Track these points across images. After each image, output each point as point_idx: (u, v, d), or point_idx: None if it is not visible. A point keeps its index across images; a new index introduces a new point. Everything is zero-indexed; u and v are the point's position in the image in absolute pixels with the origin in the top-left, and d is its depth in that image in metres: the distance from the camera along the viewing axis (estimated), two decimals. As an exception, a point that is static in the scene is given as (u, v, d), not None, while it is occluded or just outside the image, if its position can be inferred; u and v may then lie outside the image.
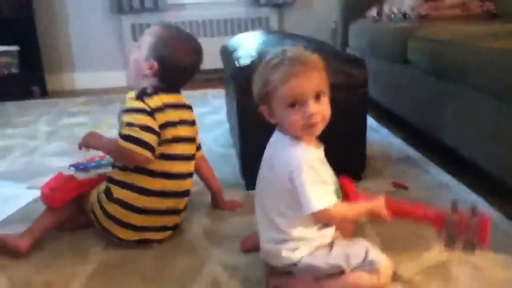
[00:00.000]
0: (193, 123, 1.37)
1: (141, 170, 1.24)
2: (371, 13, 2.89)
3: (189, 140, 1.33)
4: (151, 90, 1.27)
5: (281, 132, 1.04)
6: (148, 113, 1.22)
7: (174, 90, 1.33)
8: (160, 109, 1.24)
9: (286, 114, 0.98)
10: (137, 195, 1.24)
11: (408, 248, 1.21)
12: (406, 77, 2.14)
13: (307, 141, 1.01)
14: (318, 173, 0.98)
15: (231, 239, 1.29)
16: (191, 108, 1.37)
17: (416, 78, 2.03)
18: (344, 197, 1.07)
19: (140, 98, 1.24)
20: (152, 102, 1.24)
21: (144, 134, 1.20)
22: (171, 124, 1.27)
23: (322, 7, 3.89)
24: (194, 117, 1.38)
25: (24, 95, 3.43)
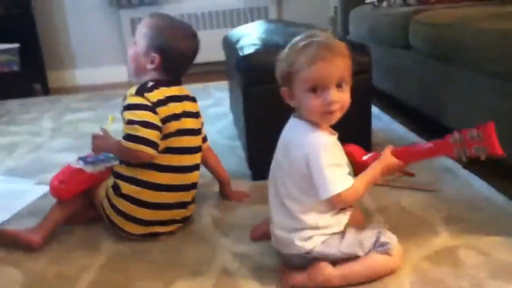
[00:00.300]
0: (197, 114, 1.36)
1: (148, 164, 1.24)
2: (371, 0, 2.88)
3: (194, 132, 1.33)
4: (151, 85, 1.26)
5: (298, 118, 1.04)
6: (148, 108, 1.21)
7: (176, 82, 1.32)
8: (161, 102, 1.24)
9: (307, 98, 0.98)
10: (144, 190, 1.25)
11: (415, 234, 1.22)
12: (408, 62, 2.14)
13: (323, 128, 1.02)
14: (335, 156, 0.99)
15: (240, 229, 1.31)
16: (195, 100, 1.37)
17: (418, 63, 2.03)
18: (354, 167, 1.07)
19: (139, 93, 1.23)
20: (153, 96, 1.23)
21: (144, 131, 1.19)
22: (175, 117, 1.26)
23: (320, -4, 3.88)
24: (199, 109, 1.38)
25: (26, 92, 3.43)
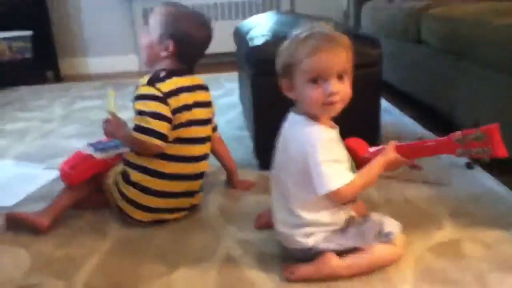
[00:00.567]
0: (209, 104, 1.36)
1: (157, 154, 1.24)
2: (384, -6, 2.86)
3: (204, 122, 1.33)
4: (164, 74, 1.25)
5: (296, 112, 1.04)
6: (159, 99, 1.21)
7: (189, 72, 1.32)
8: (173, 93, 1.23)
9: (307, 89, 0.97)
10: (153, 178, 1.26)
11: (420, 227, 1.22)
12: (420, 57, 2.12)
13: (323, 122, 1.01)
14: (332, 152, 0.98)
15: (246, 217, 1.32)
16: (207, 89, 1.36)
17: (429, 57, 2.02)
18: (356, 162, 1.06)
19: (151, 83, 1.23)
20: (164, 87, 1.22)
21: (154, 123, 1.19)
22: (186, 107, 1.26)
23: (333, -11, 3.85)
24: (211, 98, 1.37)
25: (38, 79, 3.46)
